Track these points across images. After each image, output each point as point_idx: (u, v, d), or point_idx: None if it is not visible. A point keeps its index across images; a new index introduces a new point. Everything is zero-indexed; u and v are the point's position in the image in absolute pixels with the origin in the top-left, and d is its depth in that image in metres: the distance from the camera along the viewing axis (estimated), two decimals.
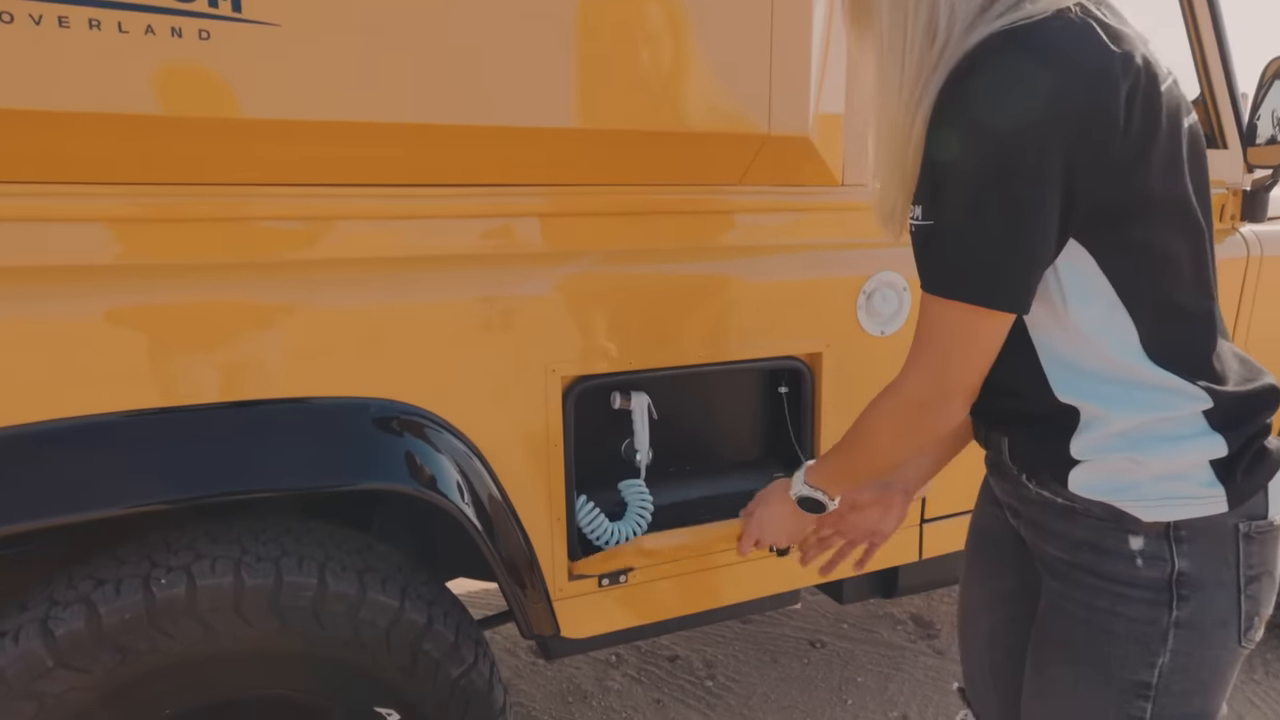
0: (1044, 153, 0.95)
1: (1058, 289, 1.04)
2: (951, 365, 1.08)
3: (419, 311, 1.54)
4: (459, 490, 1.59)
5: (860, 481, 1.43)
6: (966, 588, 1.47)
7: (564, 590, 1.77)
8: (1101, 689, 1.09)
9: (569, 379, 1.71)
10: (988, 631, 1.41)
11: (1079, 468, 1.08)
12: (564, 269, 1.66)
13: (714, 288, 1.79)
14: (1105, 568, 1.08)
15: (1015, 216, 0.98)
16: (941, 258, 1.06)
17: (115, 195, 1.36)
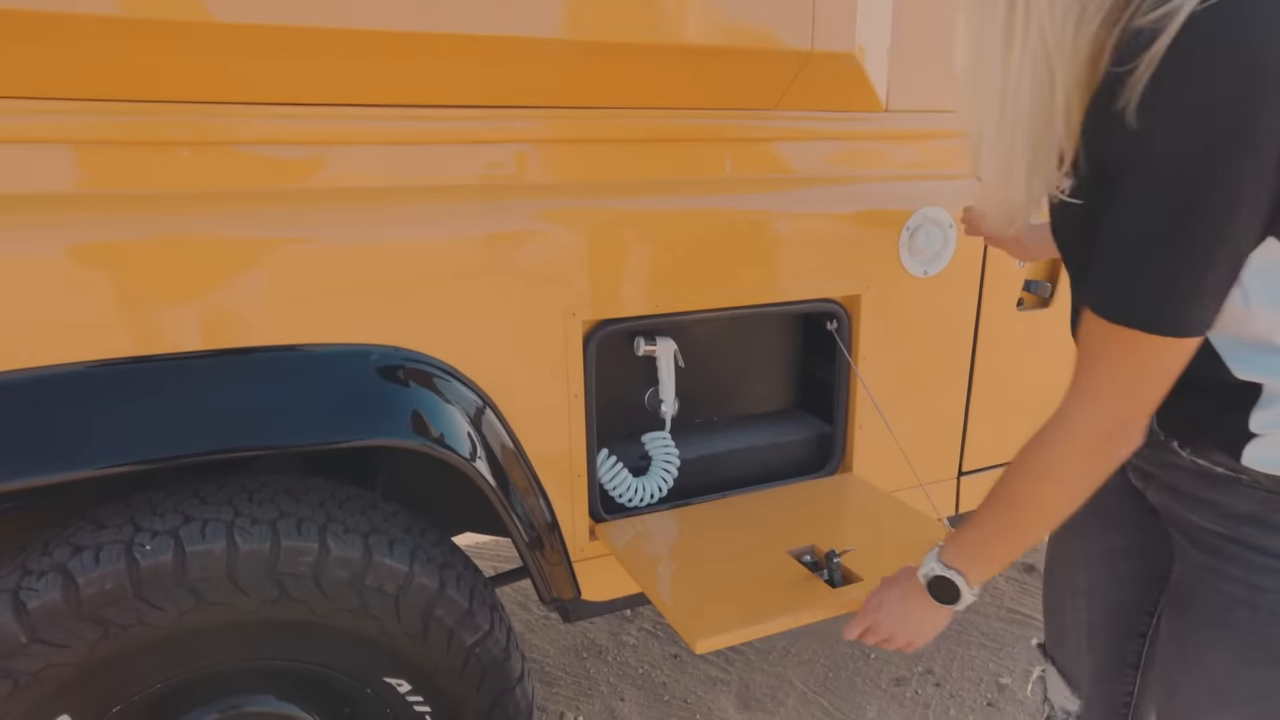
0: (1258, 148, 0.75)
1: (1240, 292, 0.86)
2: (1139, 393, 0.91)
3: (425, 249, 1.35)
4: (471, 445, 1.41)
5: (1012, 555, 1.11)
6: (1062, 543, 1.32)
7: (585, 551, 1.61)
8: (1271, 672, 0.96)
9: (590, 323, 1.53)
10: (1087, 589, 1.28)
11: (1257, 441, 0.92)
12: (583, 202, 1.47)
13: (746, 224, 1.60)
14: (1274, 544, 0.93)
15: (1220, 227, 0.79)
16: (1128, 279, 0.85)
17: (80, 113, 1.16)
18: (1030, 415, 1.95)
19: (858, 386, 1.80)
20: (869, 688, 2.33)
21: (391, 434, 1.33)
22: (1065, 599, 1.32)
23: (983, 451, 2.01)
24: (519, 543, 1.48)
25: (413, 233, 1.34)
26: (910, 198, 1.75)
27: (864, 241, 1.72)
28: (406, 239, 1.34)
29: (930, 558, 1.16)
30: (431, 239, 1.35)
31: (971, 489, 2.02)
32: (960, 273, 1.84)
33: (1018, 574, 3.00)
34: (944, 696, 2.31)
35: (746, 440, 1.79)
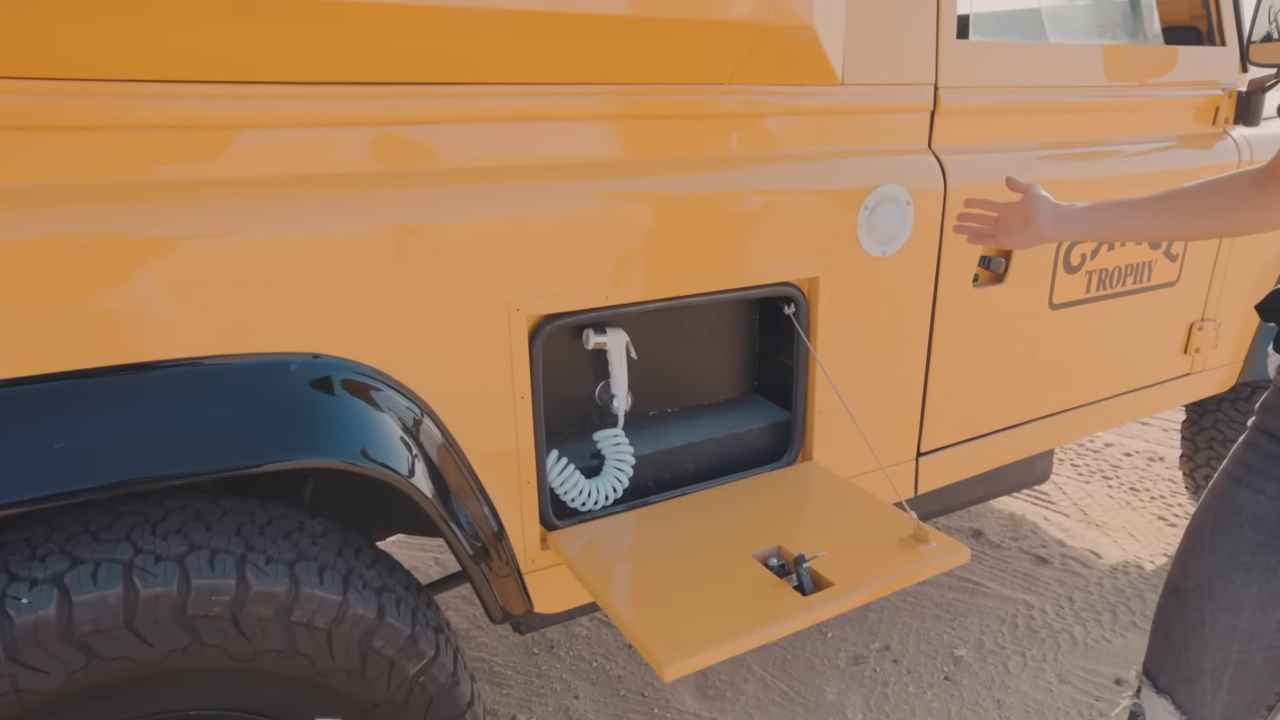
0: None
1: None
2: None
3: (346, 243, 1.15)
4: (407, 458, 1.22)
5: None
6: (1226, 581, 1.16)
7: (537, 561, 1.43)
8: None
9: (536, 318, 1.35)
10: (1251, 631, 1.14)
11: None
12: (522, 188, 1.28)
13: (698, 207, 1.42)
14: None
15: None
16: None
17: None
18: (987, 392, 1.84)
19: (816, 372, 1.65)
20: (827, 668, 2.21)
21: (315, 453, 1.14)
22: (1215, 639, 1.16)
23: (941, 431, 1.89)
24: (462, 557, 1.30)
25: (331, 225, 1.14)
26: (868, 174, 1.60)
27: (821, 222, 1.56)
28: (324, 232, 1.13)
29: None
30: (352, 232, 1.15)
31: (931, 469, 1.90)
32: (918, 251, 1.70)
33: (966, 539, 2.93)
34: (901, 673, 2.20)
35: (703, 432, 1.63)
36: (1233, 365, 2.45)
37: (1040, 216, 1.37)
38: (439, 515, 1.27)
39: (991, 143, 1.81)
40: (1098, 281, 2.02)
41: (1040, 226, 1.37)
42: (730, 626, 1.17)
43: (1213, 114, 2.18)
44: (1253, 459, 1.13)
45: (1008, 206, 1.44)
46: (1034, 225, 1.38)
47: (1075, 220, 1.35)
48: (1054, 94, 1.87)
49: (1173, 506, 3.16)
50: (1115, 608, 2.49)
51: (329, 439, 1.16)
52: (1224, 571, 1.14)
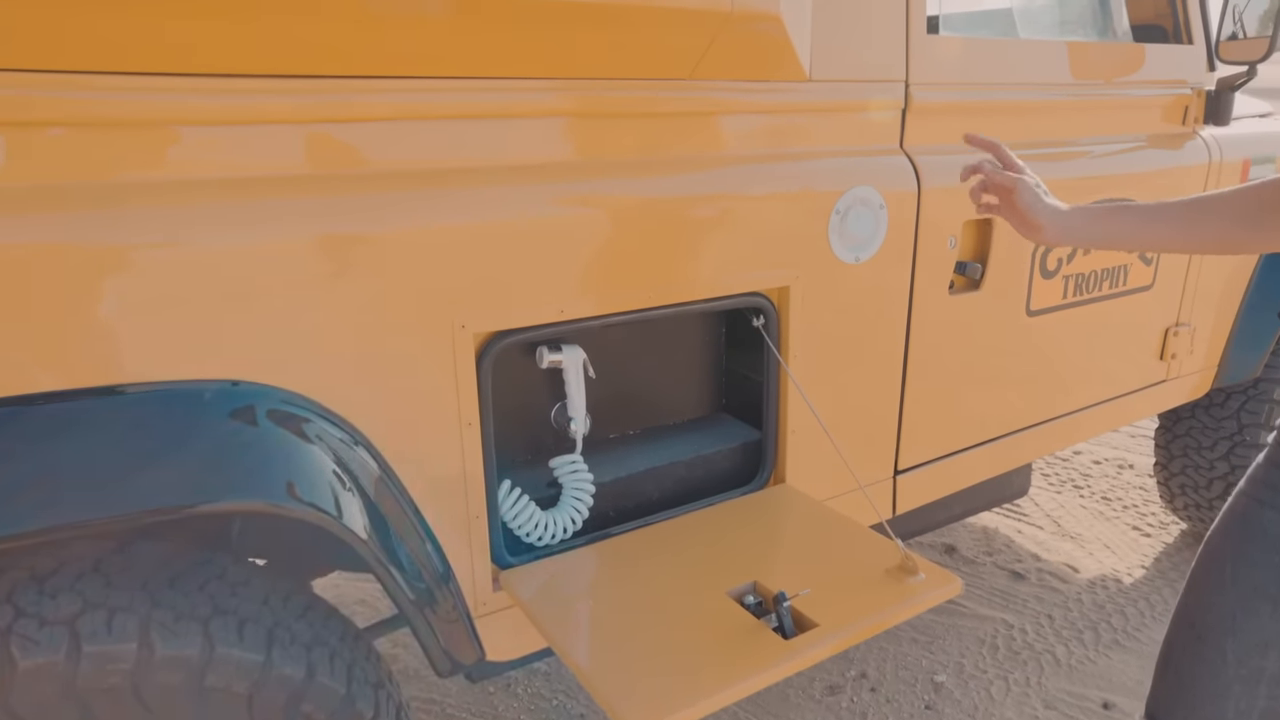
0: None
1: None
2: None
3: (268, 255, 1.03)
4: (339, 495, 1.10)
5: None
6: (1246, 612, 1.07)
7: (489, 604, 1.32)
8: None
9: (483, 336, 1.23)
10: (1278, 673, 1.05)
11: None
12: (467, 193, 1.17)
13: (659, 212, 1.33)
14: None
15: None
16: None
17: None
18: (965, 405, 1.76)
19: (788, 387, 1.56)
20: (802, 699, 2.12)
21: (230, 495, 1.01)
22: (1239, 683, 1.07)
23: (918, 447, 1.81)
24: (402, 603, 1.18)
25: (250, 235, 1.02)
26: (838, 177, 1.51)
27: (791, 227, 1.47)
28: (242, 243, 1.01)
29: None
30: (275, 242, 1.03)
31: (909, 488, 1.82)
32: (892, 257, 1.62)
33: (939, 555, 2.86)
34: (880, 703, 2.12)
35: (668, 455, 1.53)
36: (1206, 371, 2.42)
37: (1043, 225, 1.22)
38: (374, 558, 1.14)
39: (961, 143, 1.74)
40: (1074, 287, 1.96)
41: (1046, 235, 1.23)
42: (706, 679, 1.06)
43: (1182, 113, 2.15)
44: (1276, 477, 1.06)
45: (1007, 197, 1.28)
46: (1037, 233, 1.24)
47: (1086, 228, 1.20)
48: (1026, 92, 1.81)
49: (1146, 516, 3.14)
50: (1096, 625, 2.44)
51: (248, 478, 1.03)
52: (1250, 605, 1.06)
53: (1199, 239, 1.11)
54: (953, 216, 1.69)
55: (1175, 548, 2.90)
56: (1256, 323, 2.37)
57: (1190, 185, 2.14)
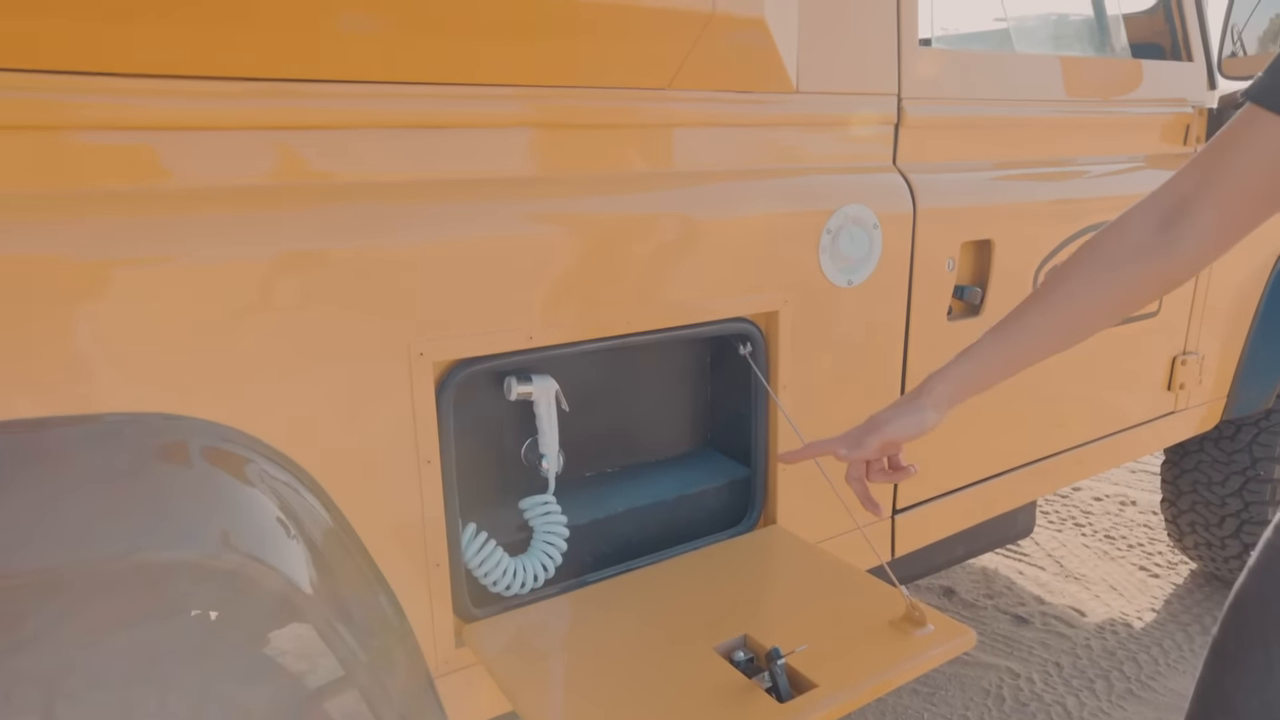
0: None
1: None
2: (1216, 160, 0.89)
3: (203, 275, 0.94)
4: (281, 544, 1.00)
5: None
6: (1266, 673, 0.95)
7: (450, 661, 1.21)
8: None
9: (444, 365, 1.14)
10: None
11: None
12: (427, 207, 1.08)
13: (636, 231, 1.24)
14: None
15: None
16: None
17: None
18: (966, 439, 1.67)
19: (778, 421, 1.46)
20: None
21: (156, 546, 0.90)
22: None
23: (917, 484, 1.72)
24: (352, 666, 1.07)
25: (182, 252, 0.93)
26: (828, 194, 1.44)
27: (779, 248, 1.39)
28: (171, 260, 0.92)
29: None
30: (211, 261, 0.94)
31: (908, 529, 1.72)
32: (887, 280, 1.54)
33: (937, 598, 2.76)
34: None
35: (649, 495, 1.43)
36: (1216, 402, 2.35)
37: (926, 422, 1.09)
38: (319, 615, 1.04)
39: (960, 160, 1.67)
40: None
41: (933, 421, 1.10)
42: None
43: (1183, 133, 2.09)
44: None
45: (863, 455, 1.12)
46: (925, 429, 1.10)
47: (961, 387, 1.08)
48: (1022, 108, 1.76)
49: (1153, 555, 3.05)
50: (1108, 674, 2.33)
51: (177, 526, 0.93)
52: (1265, 662, 0.95)
53: (1115, 301, 0.96)
54: (950, 237, 1.62)
55: (1185, 589, 2.80)
56: (1267, 350, 2.30)
57: None
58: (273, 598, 1.00)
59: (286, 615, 1.15)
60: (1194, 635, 2.52)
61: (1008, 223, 1.70)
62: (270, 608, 1.06)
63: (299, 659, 1.22)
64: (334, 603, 1.05)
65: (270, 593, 1.10)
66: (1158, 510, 3.36)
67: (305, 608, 1.02)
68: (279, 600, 1.10)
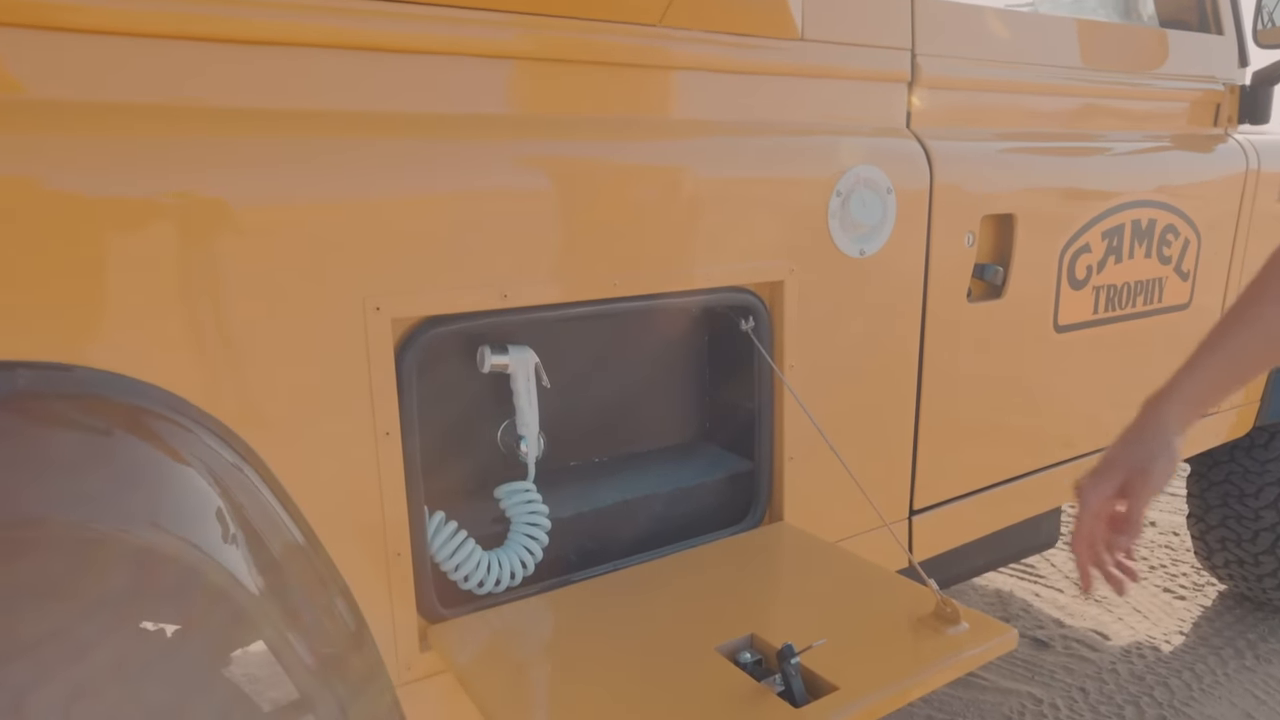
0: None
1: None
2: None
3: (121, 213, 0.82)
4: (218, 529, 0.88)
5: None
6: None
7: (415, 668, 1.08)
8: None
9: (406, 324, 1.03)
10: None
11: None
12: (388, 144, 0.98)
13: (625, 183, 1.14)
14: None
15: None
16: None
17: None
18: (988, 435, 1.56)
19: (785, 405, 1.35)
20: None
21: (68, 511, 0.78)
22: None
23: (937, 482, 1.60)
24: (299, 675, 0.94)
25: (101, 187, 0.81)
26: (836, 155, 1.34)
27: (783, 210, 1.29)
28: (91, 194, 0.81)
29: None
30: (131, 195, 0.83)
31: (926, 532, 1.61)
32: (903, 253, 1.44)
33: None
34: None
35: (641, 487, 1.31)
36: (1248, 407, 2.25)
37: (1174, 455, 0.99)
38: (263, 614, 0.91)
39: (978, 127, 1.58)
40: (1106, 300, 1.79)
41: (1175, 460, 1.00)
42: None
43: (1213, 112, 2.01)
44: None
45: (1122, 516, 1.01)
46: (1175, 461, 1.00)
47: (1194, 404, 1.02)
48: (1042, 73, 1.67)
49: (1177, 577, 2.93)
50: (1138, 699, 2.21)
51: (90, 499, 0.81)
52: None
53: None
54: (970, 210, 1.52)
55: (1215, 611, 2.69)
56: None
57: (1224, 196, 2.00)
58: (197, 583, 0.88)
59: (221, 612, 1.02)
60: (1228, 659, 2.40)
61: (1031, 197, 1.61)
62: (195, 594, 0.94)
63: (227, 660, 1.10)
64: (277, 599, 0.93)
65: (195, 577, 0.97)
66: (1179, 531, 3.26)
67: (245, 605, 0.90)
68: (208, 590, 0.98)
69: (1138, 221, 1.80)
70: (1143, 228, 1.81)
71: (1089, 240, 1.72)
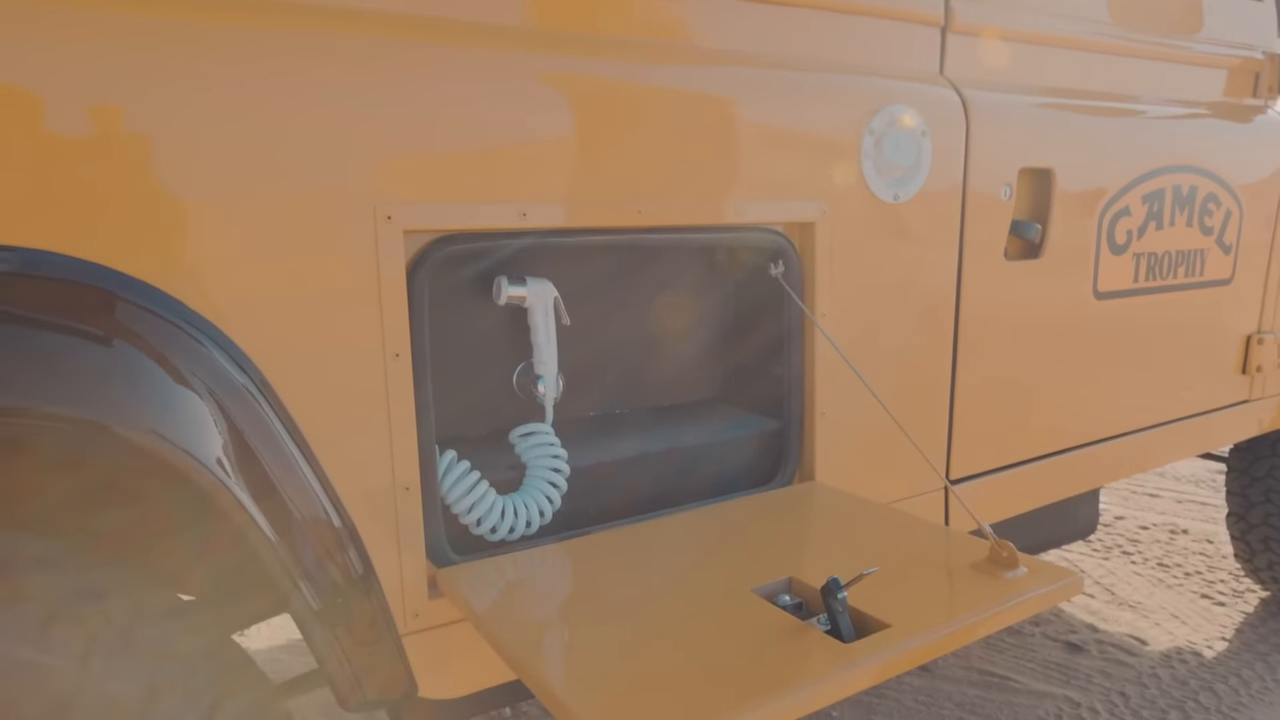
0: None
1: None
2: None
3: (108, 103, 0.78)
4: (219, 446, 0.83)
5: None
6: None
7: (423, 616, 1.02)
8: None
9: (419, 238, 0.98)
10: None
11: None
12: (408, 46, 0.93)
13: (649, 107, 1.09)
14: None
15: None
16: None
17: None
18: (1026, 403, 1.49)
19: (816, 357, 1.30)
20: None
21: (66, 402, 0.73)
22: None
23: (972, 452, 1.54)
24: (303, 616, 0.88)
25: (76, 72, 0.77)
26: (869, 92, 1.30)
27: (815, 148, 1.25)
28: (68, 72, 0.76)
29: None
30: (118, 84, 0.78)
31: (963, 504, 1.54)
32: (938, 201, 1.40)
33: None
34: None
35: (665, 440, 1.25)
36: None
37: None
38: (265, 541, 0.85)
39: (1014, 78, 1.54)
40: (1147, 269, 1.74)
41: None
42: (735, 696, 0.77)
43: (1252, 82, 1.98)
44: None
45: None
46: None
47: None
48: (1079, 26, 1.63)
49: (1214, 584, 2.85)
50: (1183, 704, 2.13)
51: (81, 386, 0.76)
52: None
53: None
54: (1007, 161, 1.48)
55: (1259, 618, 2.61)
56: None
57: (1266, 169, 1.96)
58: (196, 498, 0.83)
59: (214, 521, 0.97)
60: (1276, 666, 2.32)
61: (1070, 153, 1.56)
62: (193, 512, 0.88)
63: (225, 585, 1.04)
64: (278, 529, 0.87)
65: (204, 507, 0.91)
66: (1212, 539, 3.18)
67: (245, 533, 0.84)
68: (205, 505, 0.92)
69: (1179, 187, 1.76)
70: (1184, 194, 1.77)
71: (1129, 203, 1.67)
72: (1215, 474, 3.98)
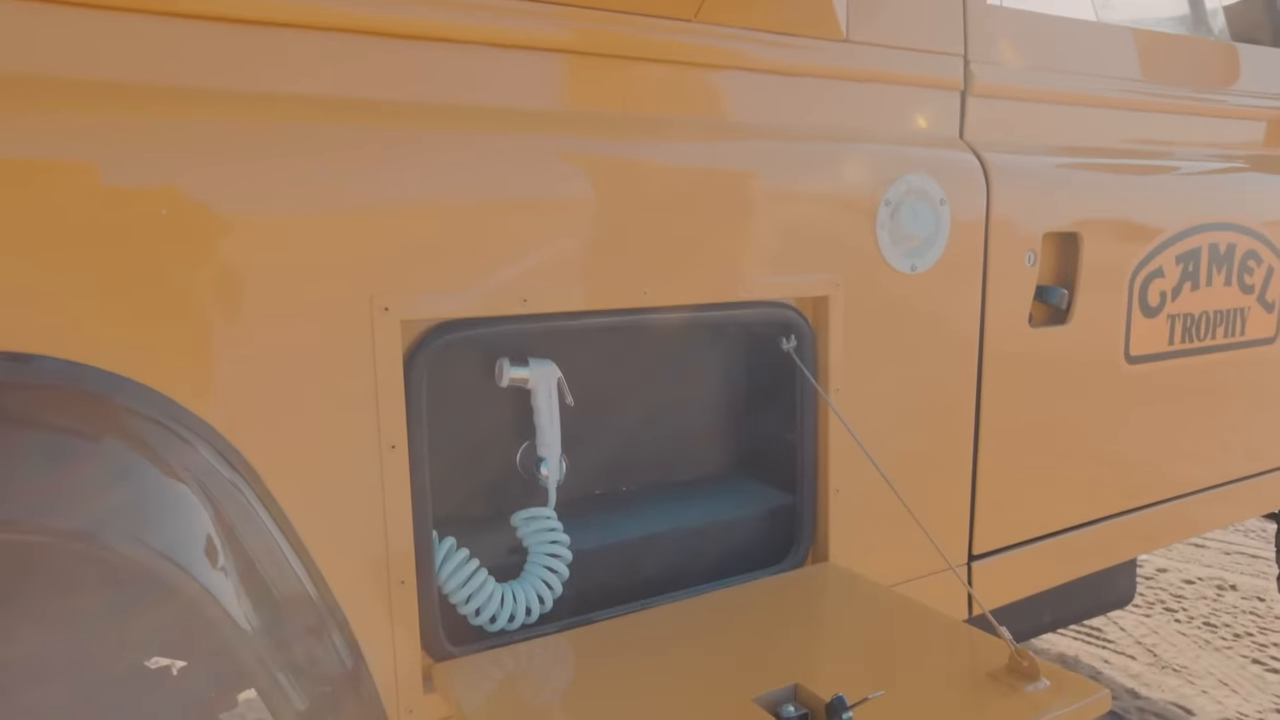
0: None
1: None
2: None
3: (111, 205, 0.79)
4: (206, 549, 0.83)
5: None
6: None
7: (417, 711, 1.01)
8: None
9: (417, 327, 0.98)
10: None
11: None
12: (407, 134, 0.94)
13: (655, 185, 1.09)
14: None
15: None
16: None
17: None
18: (1054, 473, 1.46)
19: (829, 434, 1.28)
20: None
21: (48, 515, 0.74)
22: None
23: (998, 525, 1.51)
24: (285, 716, 0.88)
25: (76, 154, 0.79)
26: (885, 163, 1.29)
27: (829, 220, 1.24)
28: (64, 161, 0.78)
29: None
30: (126, 187, 0.80)
31: (987, 581, 1.51)
32: (958, 271, 1.38)
33: None
34: None
35: (673, 520, 1.24)
36: None
37: None
38: (249, 649, 0.85)
39: (1036, 140, 1.53)
40: (1182, 331, 1.71)
41: None
42: None
43: (1277, 133, 1.94)
44: None
45: None
46: None
47: None
48: (1105, 85, 1.61)
49: (1267, 647, 2.77)
50: None
51: (68, 499, 0.76)
52: None
53: None
54: (1031, 226, 1.46)
55: None
56: None
57: None
58: (180, 609, 0.83)
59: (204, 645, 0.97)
60: None
61: (1097, 215, 1.54)
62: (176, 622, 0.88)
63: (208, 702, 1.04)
64: (265, 630, 0.87)
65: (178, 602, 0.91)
66: (1264, 596, 3.09)
67: (228, 636, 0.84)
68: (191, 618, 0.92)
69: (1215, 245, 1.72)
70: (1221, 253, 1.74)
71: (1162, 264, 1.64)
72: (1266, 522, 3.88)
